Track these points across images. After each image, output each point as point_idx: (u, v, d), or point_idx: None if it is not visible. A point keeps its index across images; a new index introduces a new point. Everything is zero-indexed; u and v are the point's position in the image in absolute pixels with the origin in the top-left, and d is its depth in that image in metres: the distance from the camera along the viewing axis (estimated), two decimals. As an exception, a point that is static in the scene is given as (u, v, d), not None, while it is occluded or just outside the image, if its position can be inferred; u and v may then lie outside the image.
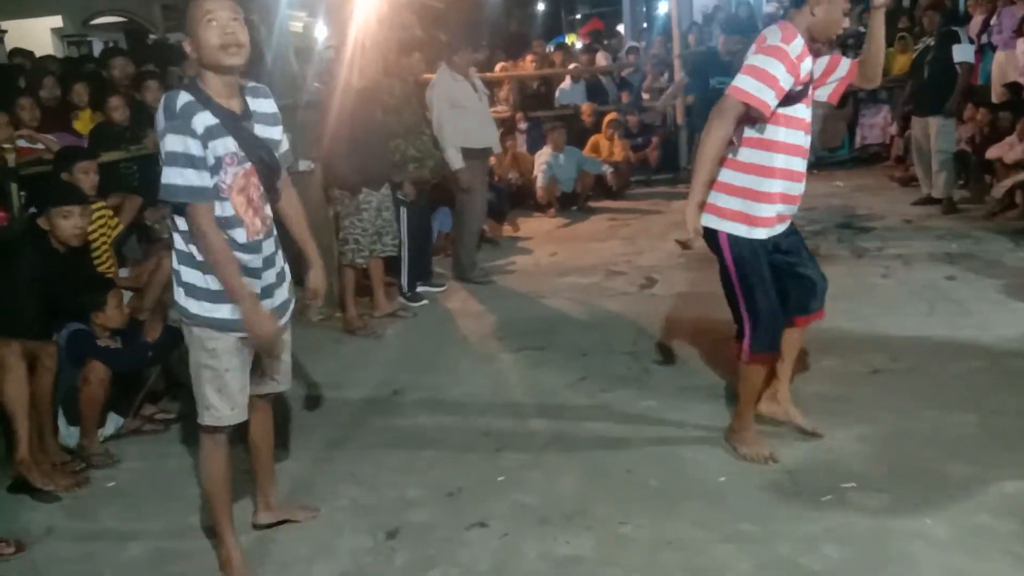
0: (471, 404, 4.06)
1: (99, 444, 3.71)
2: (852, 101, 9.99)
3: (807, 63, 3.01)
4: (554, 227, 8.12)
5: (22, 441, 3.41)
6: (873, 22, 3.14)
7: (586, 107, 9.73)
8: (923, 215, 7.13)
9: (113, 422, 3.88)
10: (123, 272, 4.72)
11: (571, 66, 10.87)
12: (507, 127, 9.07)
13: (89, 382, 3.60)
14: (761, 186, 3.08)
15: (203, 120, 2.43)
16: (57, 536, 3.16)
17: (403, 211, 5.47)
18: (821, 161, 9.93)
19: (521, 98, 10.08)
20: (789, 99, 3.00)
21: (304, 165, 5.34)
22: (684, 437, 3.51)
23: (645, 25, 17.76)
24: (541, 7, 25.78)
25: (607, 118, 9.36)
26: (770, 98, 2.92)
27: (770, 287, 3.15)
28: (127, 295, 4.32)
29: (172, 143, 2.40)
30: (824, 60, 3.22)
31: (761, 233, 3.12)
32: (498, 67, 10.50)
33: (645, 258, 6.49)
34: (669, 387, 4.02)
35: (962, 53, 7.09)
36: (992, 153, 7.14)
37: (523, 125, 9.56)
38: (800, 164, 3.15)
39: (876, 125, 9.76)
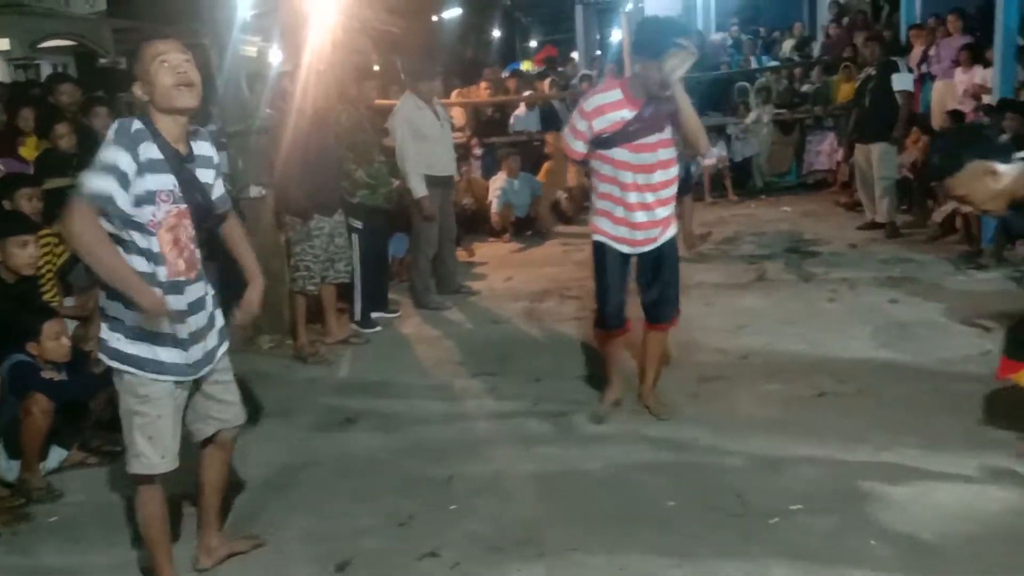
0: (424, 431, 4.04)
1: (41, 478, 3.61)
2: (799, 128, 10.25)
3: (614, 115, 3.55)
4: (509, 252, 8.16)
5: (-40, 476, 3.31)
6: (676, 94, 3.49)
7: (550, 136, 9.81)
8: (867, 240, 7.31)
9: (56, 455, 3.78)
10: (68, 301, 4.62)
11: (525, 93, 10.98)
12: (462, 153, 9.10)
13: (31, 414, 3.51)
14: (606, 208, 3.72)
15: (149, 151, 2.44)
16: (-5, 574, 3.07)
17: (355, 238, 5.45)
18: (770, 187, 10.17)
19: (476, 124, 10.14)
20: (604, 143, 3.60)
21: (255, 191, 5.31)
22: (635, 461, 3.53)
23: (599, 52, 18.00)
24: (497, 34, 26.01)
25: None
26: (577, 146, 3.70)
27: (609, 284, 3.81)
28: (72, 325, 4.23)
29: (110, 154, 2.39)
30: None
31: (610, 243, 3.74)
32: (454, 93, 10.55)
33: (599, 283, 6.53)
34: (622, 410, 4.04)
35: (901, 82, 7.31)
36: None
37: (478, 151, 9.60)
38: (630, 196, 3.65)
39: (823, 152, 9.99)
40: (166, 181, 2.47)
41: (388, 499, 3.37)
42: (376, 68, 9.35)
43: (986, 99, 8.37)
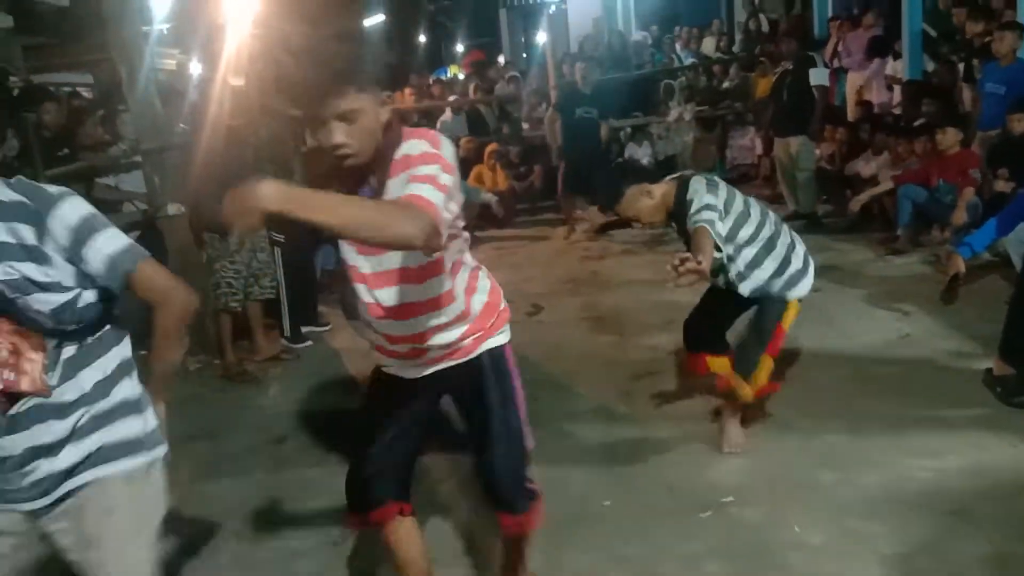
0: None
1: None
2: (721, 124, 10.44)
3: None
4: (441, 259, 8.10)
5: None
6: None
7: (464, 140, 9.82)
8: (790, 230, 7.46)
9: None
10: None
11: (451, 98, 10.96)
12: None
13: None
14: None
15: None
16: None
17: (278, 251, 5.35)
18: (696, 183, 10.32)
19: (402, 131, 10.07)
20: None
21: (173, 209, 5.18)
22: (571, 462, 3.53)
23: (525, 55, 18.08)
24: (422, 39, 25.90)
25: (488, 148, 9.47)
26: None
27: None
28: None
29: None
30: None
31: None
32: (378, 101, 10.47)
33: (532, 285, 6.55)
34: (556, 413, 4.04)
35: (817, 77, 7.50)
36: (851, 169, 7.57)
37: (405, 158, 9.54)
38: None
39: (744, 146, 10.20)
40: None
41: (322, 519, 3.30)
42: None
43: (897, 89, 8.67)
